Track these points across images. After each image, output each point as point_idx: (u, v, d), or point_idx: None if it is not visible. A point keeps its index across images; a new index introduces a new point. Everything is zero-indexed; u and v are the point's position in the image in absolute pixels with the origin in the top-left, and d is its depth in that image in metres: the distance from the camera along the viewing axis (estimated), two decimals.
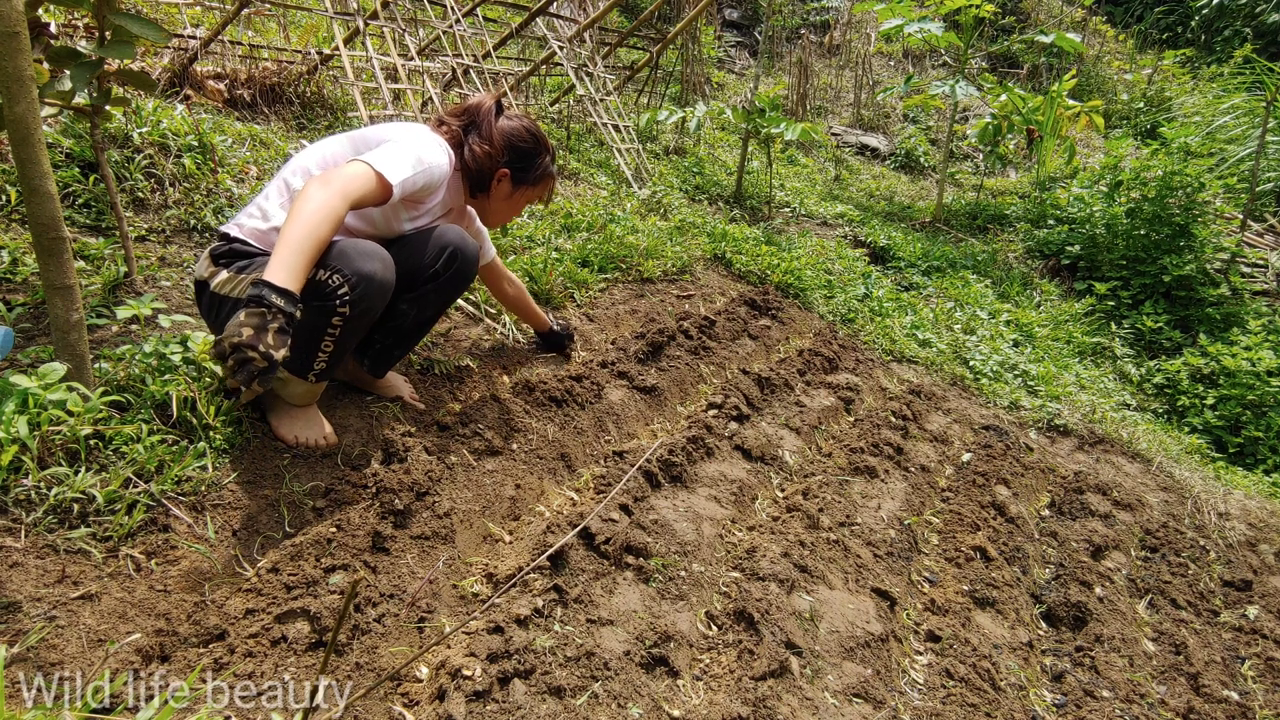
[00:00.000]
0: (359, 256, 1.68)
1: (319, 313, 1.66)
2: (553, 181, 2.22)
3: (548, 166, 2.17)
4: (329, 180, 1.61)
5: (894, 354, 4.27)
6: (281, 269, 1.47)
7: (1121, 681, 2.10)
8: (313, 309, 1.65)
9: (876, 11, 7.00)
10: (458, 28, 4.62)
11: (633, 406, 2.70)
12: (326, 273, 1.65)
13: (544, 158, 2.16)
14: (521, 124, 2.13)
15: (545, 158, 2.16)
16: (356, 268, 1.66)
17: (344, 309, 1.66)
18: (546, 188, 2.22)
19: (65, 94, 1.91)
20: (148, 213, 2.58)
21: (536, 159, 2.14)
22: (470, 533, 1.87)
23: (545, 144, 2.17)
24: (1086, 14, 12.48)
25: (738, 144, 7.71)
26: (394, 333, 2.01)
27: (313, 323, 1.67)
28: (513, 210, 2.21)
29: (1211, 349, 4.99)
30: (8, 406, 1.47)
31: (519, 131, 2.11)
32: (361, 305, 1.69)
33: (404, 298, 1.97)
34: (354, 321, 1.71)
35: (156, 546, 1.48)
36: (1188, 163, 5.87)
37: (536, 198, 2.22)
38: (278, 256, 1.48)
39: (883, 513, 2.56)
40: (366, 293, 1.68)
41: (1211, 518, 3.40)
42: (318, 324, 1.68)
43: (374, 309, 1.74)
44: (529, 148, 2.11)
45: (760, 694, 1.56)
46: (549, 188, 2.22)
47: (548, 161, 2.17)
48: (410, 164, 1.78)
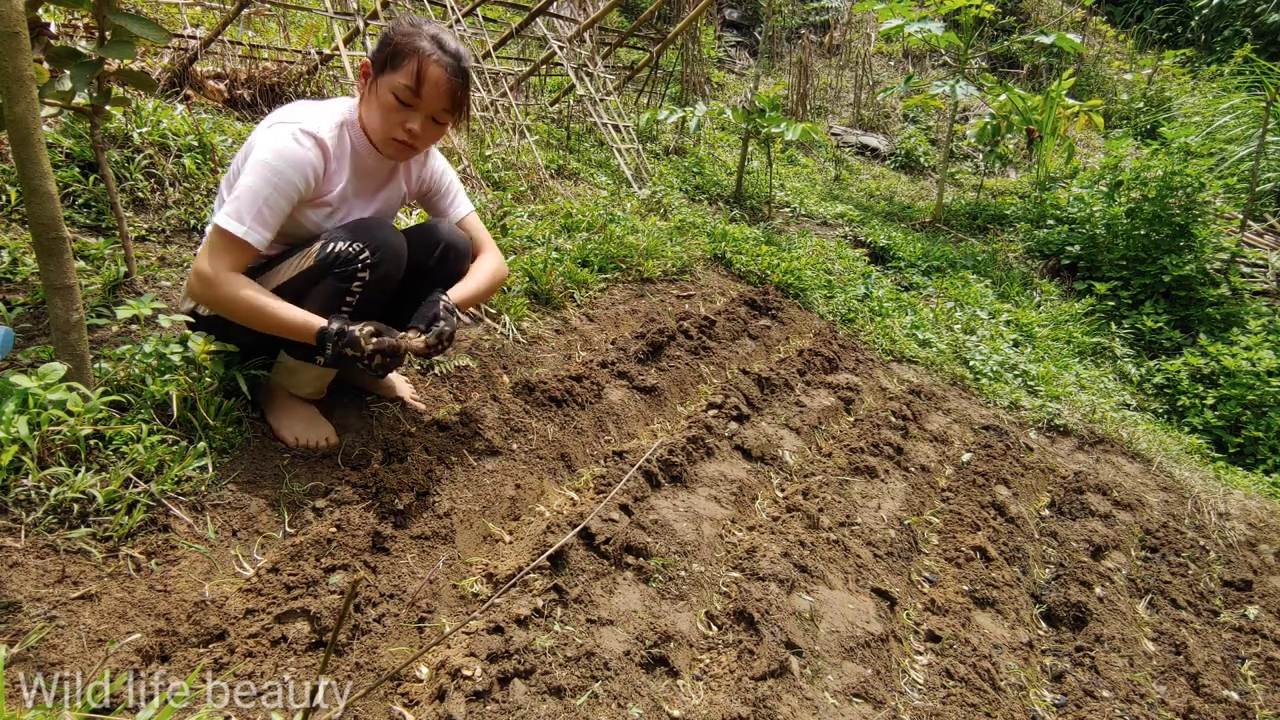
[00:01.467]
0: (371, 226, 1.78)
1: (340, 278, 1.72)
2: (422, 61, 1.71)
3: (409, 41, 1.72)
4: (202, 274, 1.62)
5: (894, 354, 4.27)
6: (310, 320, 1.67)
7: (1121, 681, 2.10)
8: (333, 276, 1.72)
9: (876, 11, 7.00)
10: (458, 28, 4.62)
11: (633, 406, 2.70)
12: (345, 243, 1.72)
13: (403, 35, 1.74)
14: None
15: (406, 35, 1.73)
16: (371, 234, 1.74)
17: (364, 272, 1.72)
18: (409, 69, 1.71)
19: (65, 94, 1.91)
20: (148, 213, 2.58)
21: (392, 36, 1.75)
22: (470, 533, 1.87)
23: (411, 25, 1.76)
24: (1086, 14, 12.48)
25: (738, 144, 7.71)
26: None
27: (331, 291, 1.72)
28: (386, 111, 1.75)
29: (1211, 349, 4.98)
30: (8, 406, 1.47)
31: (392, 24, 1.81)
32: (380, 269, 1.75)
33: (405, 294, 1.98)
34: (372, 286, 1.76)
35: (156, 546, 1.48)
36: (1188, 163, 5.87)
37: (404, 85, 1.71)
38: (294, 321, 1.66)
39: (883, 513, 2.56)
40: (384, 256, 1.75)
41: (1211, 518, 3.40)
42: (336, 291, 1.72)
43: (390, 275, 1.79)
44: (388, 32, 1.77)
45: (760, 694, 1.56)
46: (415, 68, 1.71)
47: (410, 37, 1.72)
48: (250, 196, 1.63)
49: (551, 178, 4.57)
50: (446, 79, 1.74)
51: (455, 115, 1.82)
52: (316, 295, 1.73)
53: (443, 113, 1.78)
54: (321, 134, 1.71)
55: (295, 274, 1.74)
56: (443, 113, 1.78)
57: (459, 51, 1.77)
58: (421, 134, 1.78)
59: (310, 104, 1.79)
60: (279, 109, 1.77)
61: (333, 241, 1.72)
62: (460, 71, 1.77)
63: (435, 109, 1.76)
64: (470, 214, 2.12)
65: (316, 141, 1.70)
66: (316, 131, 1.70)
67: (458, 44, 1.78)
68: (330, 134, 1.75)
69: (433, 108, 1.76)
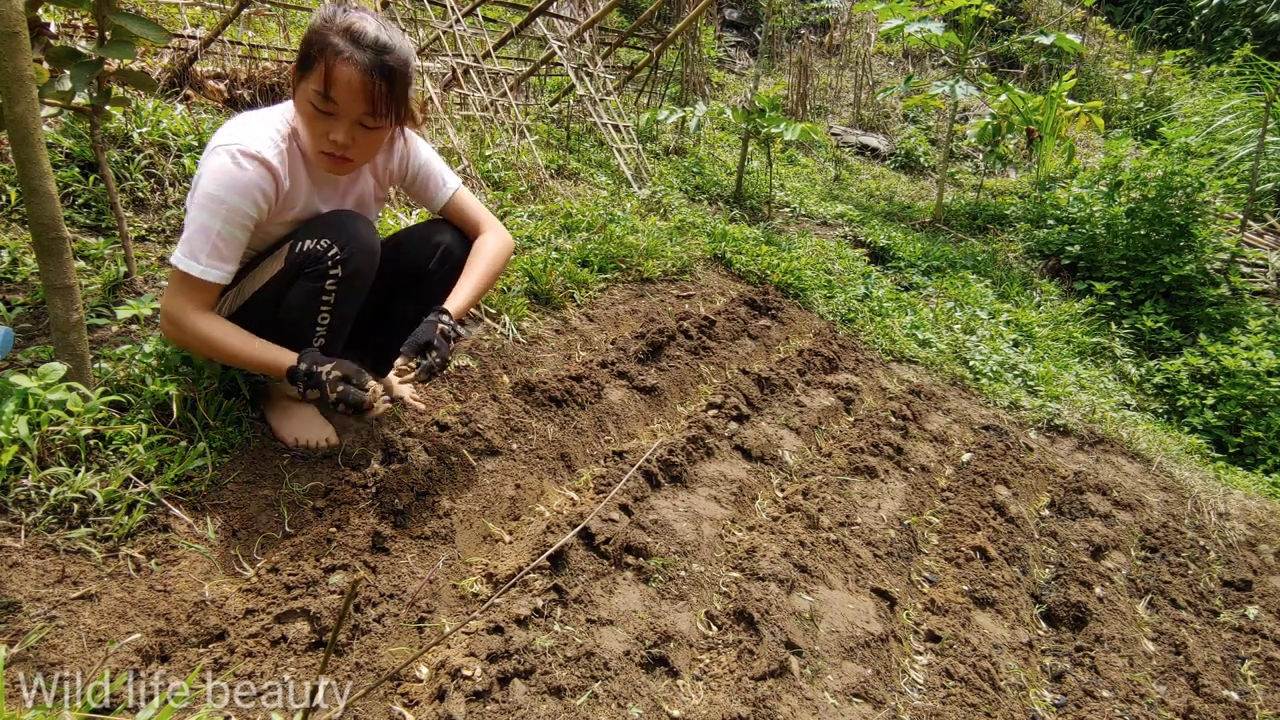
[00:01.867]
0: (342, 220, 1.70)
1: (312, 278, 1.67)
2: (329, 61, 1.50)
3: (319, 37, 1.52)
4: (169, 315, 1.57)
5: (894, 354, 4.27)
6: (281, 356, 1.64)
7: (1121, 681, 2.10)
8: (305, 276, 1.67)
9: (876, 11, 7.00)
10: (458, 28, 4.62)
11: (633, 406, 2.70)
12: (313, 240, 1.66)
13: (313, 31, 1.54)
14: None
15: (316, 31, 1.53)
16: (341, 228, 1.68)
17: (335, 269, 1.67)
18: (319, 72, 1.52)
19: (65, 94, 1.91)
20: (148, 213, 2.58)
21: (312, 30, 1.55)
22: (470, 533, 1.87)
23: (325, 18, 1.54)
24: (1086, 14, 12.48)
25: (738, 144, 7.71)
26: (395, 334, 2.02)
27: (306, 292, 1.68)
28: (307, 121, 1.59)
29: (1211, 349, 4.99)
30: (8, 406, 1.47)
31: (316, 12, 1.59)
32: (351, 265, 1.69)
33: (404, 295, 1.98)
34: (346, 284, 1.70)
35: (156, 546, 1.48)
36: (1188, 163, 5.87)
37: (314, 91, 1.54)
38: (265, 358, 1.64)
39: (883, 513, 2.56)
40: (354, 251, 1.68)
41: (1211, 518, 3.40)
42: (311, 292, 1.68)
43: (362, 272, 1.73)
44: (314, 19, 1.57)
45: (760, 694, 1.56)
46: (323, 70, 1.51)
47: (321, 32, 1.52)
48: (202, 234, 1.53)
49: (551, 178, 4.58)
50: (361, 78, 1.51)
51: (387, 118, 1.58)
52: (292, 299, 1.70)
53: (365, 117, 1.56)
54: (265, 153, 1.56)
55: (269, 279, 1.72)
56: (365, 117, 1.56)
57: (381, 42, 1.53)
58: (351, 144, 1.60)
59: (253, 117, 1.64)
60: (224, 125, 1.62)
61: (300, 241, 1.67)
62: (381, 67, 1.52)
63: (356, 114, 1.55)
64: (458, 190, 1.95)
65: (260, 162, 1.55)
66: (260, 152, 1.55)
67: (383, 32, 1.54)
68: (275, 150, 1.60)
69: (353, 113, 1.55)
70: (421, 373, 1.69)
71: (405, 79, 1.59)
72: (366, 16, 1.55)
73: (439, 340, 1.71)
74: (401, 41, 1.58)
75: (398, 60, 1.56)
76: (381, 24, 1.56)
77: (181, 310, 1.56)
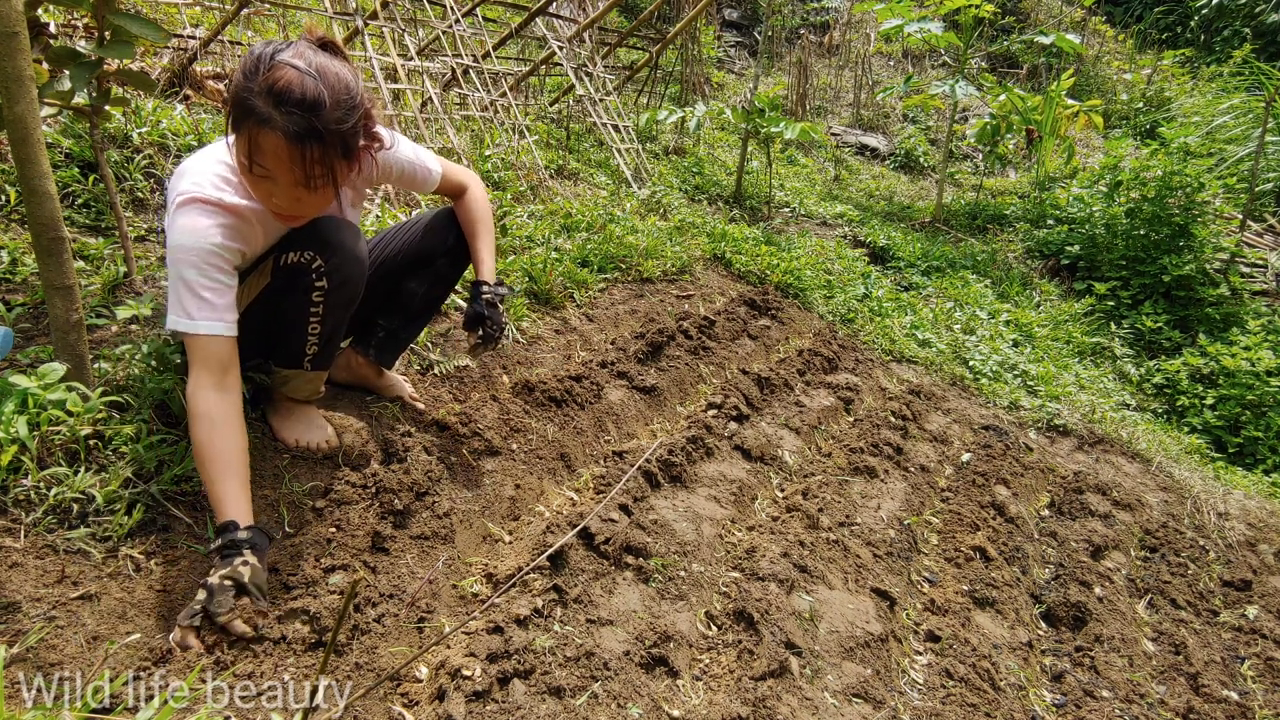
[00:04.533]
0: (326, 229, 1.64)
1: (298, 291, 1.65)
2: (252, 130, 1.35)
3: (243, 99, 1.34)
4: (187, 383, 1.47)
5: (894, 354, 4.27)
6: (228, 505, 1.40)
7: (1121, 681, 2.10)
8: (291, 290, 1.65)
9: (876, 11, 7.00)
10: (457, 28, 4.62)
11: (632, 406, 2.70)
12: (295, 253, 1.62)
13: (238, 88, 1.35)
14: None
15: (241, 90, 1.35)
16: (325, 239, 1.63)
17: (321, 281, 1.64)
18: (244, 139, 1.38)
19: (65, 94, 1.91)
20: (148, 213, 2.58)
21: (237, 82, 1.36)
22: (470, 533, 1.87)
23: (248, 73, 1.35)
24: (1086, 14, 12.48)
25: (737, 144, 7.71)
26: (402, 314, 2.02)
27: (295, 304, 1.67)
28: (250, 181, 1.45)
29: (1211, 349, 4.99)
30: (7, 406, 1.46)
31: (246, 55, 1.39)
32: (338, 276, 1.65)
33: (414, 275, 1.99)
34: (334, 294, 1.68)
35: (156, 546, 1.48)
36: (1187, 163, 5.87)
37: (242, 159, 1.41)
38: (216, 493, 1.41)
39: (882, 513, 2.56)
40: (339, 262, 1.64)
41: (1211, 518, 3.40)
42: (299, 304, 1.67)
43: (351, 278, 1.69)
44: (240, 67, 1.38)
45: (760, 694, 1.56)
46: (250, 138, 1.36)
47: (245, 93, 1.34)
48: (187, 289, 1.44)
49: (551, 178, 4.57)
50: (288, 147, 1.35)
51: (325, 179, 1.42)
52: (282, 313, 1.68)
53: (300, 185, 1.41)
54: (225, 200, 1.47)
55: (259, 293, 1.69)
56: (300, 185, 1.41)
57: (309, 99, 1.34)
58: (297, 203, 1.47)
59: (196, 162, 1.52)
60: (179, 168, 1.52)
61: (284, 254, 1.62)
62: (309, 133, 1.35)
63: (290, 181, 1.41)
64: (442, 171, 1.88)
65: (216, 207, 1.46)
66: (213, 197, 1.46)
67: (312, 82, 1.34)
68: (228, 187, 1.49)
69: (287, 180, 1.41)
70: (483, 344, 1.87)
71: (343, 134, 1.40)
72: (294, 62, 1.35)
73: (489, 310, 1.85)
74: (337, 84, 1.39)
75: (331, 118, 1.37)
76: (311, 69, 1.36)
77: (191, 379, 1.46)
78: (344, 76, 1.41)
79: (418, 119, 3.88)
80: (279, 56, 1.35)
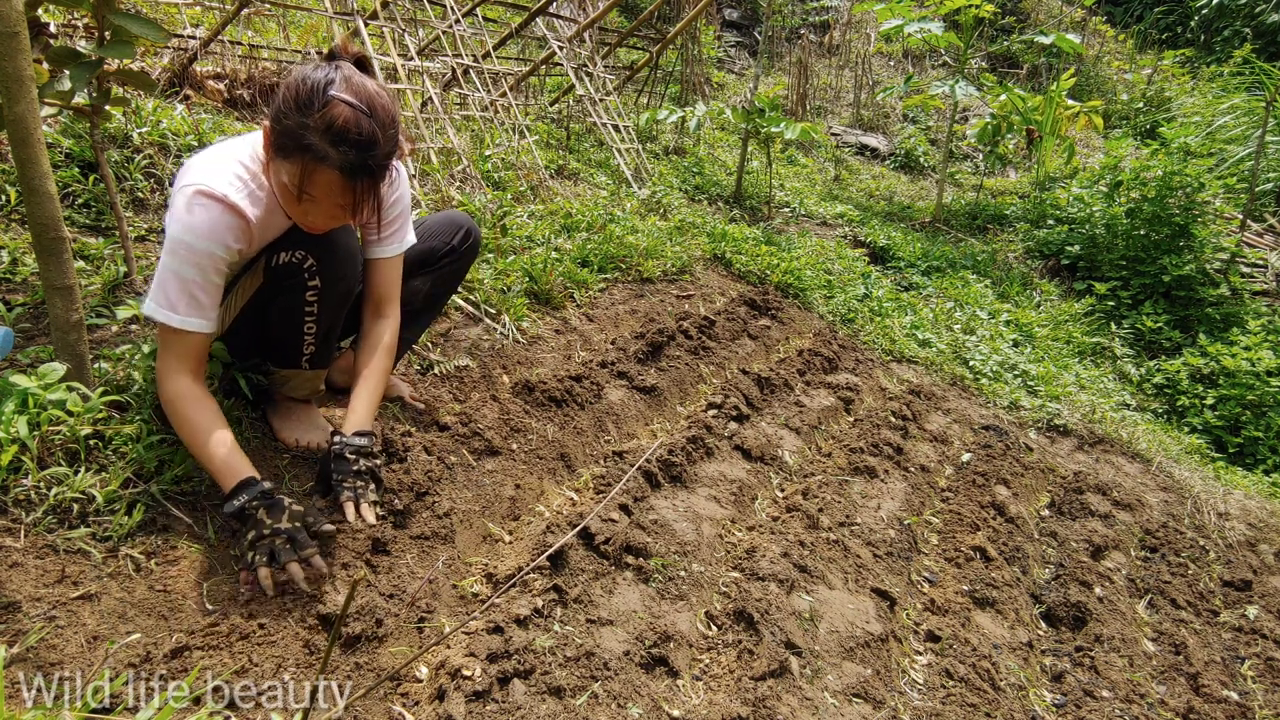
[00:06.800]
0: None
1: (291, 291, 1.65)
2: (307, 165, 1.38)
3: (297, 135, 1.37)
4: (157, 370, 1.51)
5: (894, 354, 4.27)
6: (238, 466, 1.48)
7: (1121, 681, 2.10)
8: (284, 291, 1.65)
9: (876, 11, 7.00)
10: (457, 28, 4.62)
11: (632, 406, 2.70)
12: (287, 254, 1.62)
13: (292, 120, 1.37)
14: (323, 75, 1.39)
15: (296, 123, 1.36)
16: (316, 237, 1.63)
17: (314, 280, 1.65)
18: (295, 168, 1.39)
19: (65, 94, 1.91)
20: (148, 213, 2.58)
21: (289, 111, 1.38)
22: (470, 533, 1.87)
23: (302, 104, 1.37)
24: (1086, 14, 12.48)
25: (737, 144, 7.71)
26: (405, 313, 2.03)
27: (289, 304, 1.67)
28: (282, 193, 1.47)
29: (1211, 349, 4.99)
30: (8, 406, 1.47)
31: (293, 80, 1.40)
32: (330, 274, 1.66)
33: (417, 274, 2.01)
34: (328, 292, 1.68)
35: (156, 546, 1.48)
36: (1187, 163, 5.87)
37: (291, 183, 1.42)
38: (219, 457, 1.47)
39: (882, 513, 2.56)
40: (331, 262, 1.65)
41: (1211, 518, 3.40)
42: (294, 303, 1.67)
43: (344, 275, 1.70)
44: (281, 102, 1.40)
45: (760, 694, 1.56)
46: (299, 170, 1.39)
47: (300, 129, 1.36)
48: (176, 282, 1.45)
49: (551, 178, 4.57)
50: (342, 182, 1.40)
51: (368, 209, 1.47)
52: (276, 314, 1.68)
53: (346, 210, 1.46)
54: (230, 195, 1.47)
55: (253, 294, 1.69)
56: (346, 210, 1.46)
57: (365, 137, 1.38)
58: (330, 222, 1.54)
59: (217, 153, 1.54)
60: (189, 161, 1.54)
61: (276, 254, 1.62)
62: (364, 169, 1.40)
63: (331, 207, 1.46)
64: (397, 256, 1.82)
65: (225, 206, 1.46)
66: (225, 195, 1.46)
67: (366, 120, 1.38)
68: (241, 191, 1.49)
69: (328, 205, 1.46)
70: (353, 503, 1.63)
71: (389, 163, 1.47)
72: (347, 99, 1.38)
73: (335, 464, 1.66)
74: (385, 117, 1.43)
75: (383, 153, 1.43)
76: (363, 104, 1.39)
77: (164, 367, 1.49)
78: (388, 107, 1.46)
79: (418, 119, 3.88)
80: (331, 92, 1.38)
